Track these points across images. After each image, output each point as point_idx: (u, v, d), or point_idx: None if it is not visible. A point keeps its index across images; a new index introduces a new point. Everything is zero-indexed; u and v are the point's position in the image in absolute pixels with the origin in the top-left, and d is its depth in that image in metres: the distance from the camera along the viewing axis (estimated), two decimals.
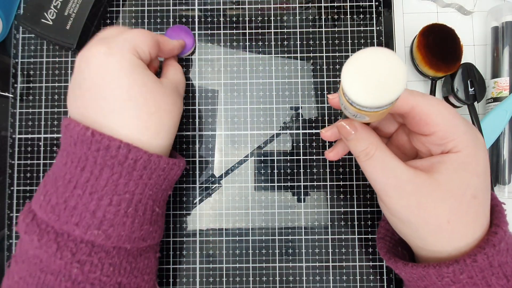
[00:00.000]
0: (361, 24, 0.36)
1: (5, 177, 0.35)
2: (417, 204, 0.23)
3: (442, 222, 0.23)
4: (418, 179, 0.23)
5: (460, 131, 0.23)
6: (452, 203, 0.23)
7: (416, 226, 0.24)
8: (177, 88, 0.31)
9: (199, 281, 0.34)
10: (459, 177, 0.23)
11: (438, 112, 0.23)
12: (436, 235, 0.23)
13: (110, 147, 0.24)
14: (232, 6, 0.37)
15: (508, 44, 0.34)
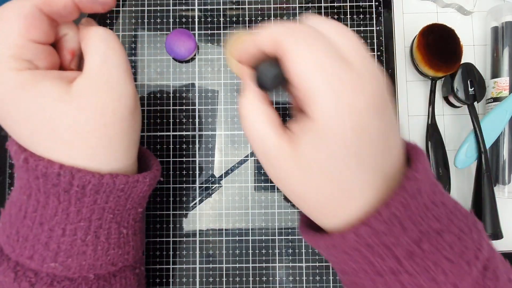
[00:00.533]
0: (361, 24, 0.36)
1: (5, 177, 0.35)
2: (279, 180, 0.20)
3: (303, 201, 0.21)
4: (281, 151, 0.19)
5: (316, 92, 0.18)
6: (315, 184, 0.19)
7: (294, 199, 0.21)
8: (112, 76, 0.22)
9: (199, 281, 0.34)
10: (318, 152, 0.19)
11: (299, 57, 0.18)
12: (313, 214, 0.21)
13: (49, 175, 0.20)
14: (232, 6, 0.37)
15: (508, 44, 0.34)
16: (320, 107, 0.18)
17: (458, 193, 0.36)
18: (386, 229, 0.19)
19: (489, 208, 0.32)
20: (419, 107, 0.36)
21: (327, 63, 0.18)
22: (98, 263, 0.24)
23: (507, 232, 0.33)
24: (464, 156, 0.34)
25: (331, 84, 0.18)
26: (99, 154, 0.21)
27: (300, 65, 0.18)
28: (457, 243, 0.20)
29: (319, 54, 0.18)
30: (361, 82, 0.19)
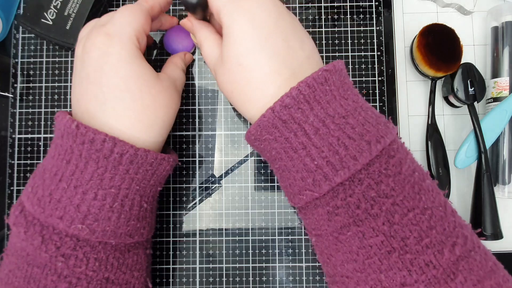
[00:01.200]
0: (361, 24, 0.36)
1: (5, 177, 0.35)
2: (220, 84, 0.27)
3: (240, 92, 0.26)
4: (217, 66, 0.27)
5: (228, 11, 0.25)
6: (239, 80, 0.25)
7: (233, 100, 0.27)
8: (175, 83, 0.30)
9: (199, 281, 0.34)
10: (235, 57, 0.25)
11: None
12: (245, 109, 0.26)
13: (95, 141, 0.24)
14: None
15: (508, 44, 0.34)
16: (224, 15, 0.25)
17: (458, 193, 0.36)
18: (295, 104, 0.23)
19: (489, 208, 0.32)
20: (419, 107, 0.36)
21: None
22: (119, 231, 0.26)
23: (507, 232, 0.33)
24: (464, 156, 0.34)
25: (237, 4, 0.25)
26: (143, 129, 0.26)
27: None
28: (360, 127, 0.24)
29: None
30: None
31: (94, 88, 0.25)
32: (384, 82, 0.36)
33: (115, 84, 0.25)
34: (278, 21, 0.25)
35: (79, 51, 0.27)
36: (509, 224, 0.35)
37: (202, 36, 0.29)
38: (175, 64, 0.32)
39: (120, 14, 0.27)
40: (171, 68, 0.32)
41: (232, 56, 0.25)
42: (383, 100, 0.36)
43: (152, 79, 0.27)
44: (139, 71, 0.26)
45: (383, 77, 0.36)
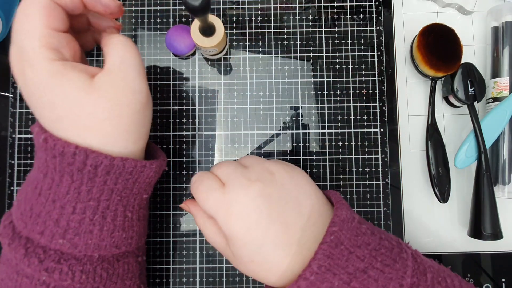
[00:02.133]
0: (361, 24, 0.36)
1: (5, 177, 0.35)
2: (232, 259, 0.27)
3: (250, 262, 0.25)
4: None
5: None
6: (245, 264, 0.26)
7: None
8: (129, 75, 0.24)
9: (199, 281, 0.34)
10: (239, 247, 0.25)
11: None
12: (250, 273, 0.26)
13: (65, 154, 0.22)
14: (232, 6, 0.37)
15: (508, 44, 0.34)
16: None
17: (458, 193, 0.36)
18: (319, 278, 0.23)
19: (489, 208, 0.32)
20: (419, 107, 0.36)
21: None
22: (103, 243, 0.25)
23: (507, 232, 0.33)
24: (464, 156, 0.34)
25: (228, 212, 0.25)
26: (111, 140, 0.24)
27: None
28: (381, 276, 0.23)
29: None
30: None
31: (37, 109, 0.23)
32: (384, 82, 0.36)
33: (50, 110, 0.23)
34: (271, 209, 0.25)
35: None
36: (509, 224, 0.35)
37: (200, 223, 0.28)
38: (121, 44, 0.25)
39: (21, 23, 0.23)
40: (118, 52, 0.25)
41: (239, 256, 0.25)
42: (383, 100, 0.36)
43: (83, 92, 0.23)
44: (63, 92, 0.22)
45: (383, 77, 0.36)
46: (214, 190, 0.25)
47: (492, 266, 0.35)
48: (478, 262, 0.35)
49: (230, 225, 0.24)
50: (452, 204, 0.35)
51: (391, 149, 0.36)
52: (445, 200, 0.34)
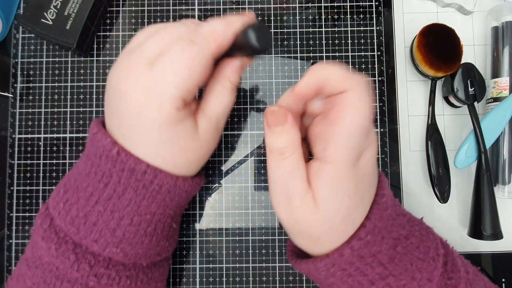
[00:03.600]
0: (361, 24, 0.36)
1: (5, 177, 0.35)
2: (295, 220, 0.23)
3: (313, 239, 0.23)
4: (306, 202, 0.22)
5: (336, 137, 0.21)
6: (323, 225, 0.22)
7: (292, 236, 0.25)
8: (218, 125, 0.26)
9: (199, 281, 0.34)
10: (332, 200, 0.22)
11: (362, 110, 0.21)
12: (309, 247, 0.25)
13: (136, 170, 0.23)
14: (232, 6, 0.37)
15: (508, 44, 0.34)
16: (336, 151, 0.21)
17: (458, 193, 0.36)
18: (371, 239, 0.23)
19: (489, 208, 0.32)
20: (419, 107, 0.36)
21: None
22: (150, 252, 0.26)
23: (507, 232, 0.33)
24: (464, 156, 0.34)
25: (348, 131, 0.21)
26: (180, 166, 0.25)
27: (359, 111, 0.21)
28: (421, 244, 0.24)
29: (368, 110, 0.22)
30: (374, 139, 0.24)
31: (131, 131, 0.24)
32: (384, 82, 0.36)
33: (146, 142, 0.23)
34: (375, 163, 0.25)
35: (113, 78, 0.24)
36: (509, 224, 0.35)
37: (295, 160, 0.23)
38: (223, 86, 0.26)
39: (170, 65, 0.22)
40: (216, 97, 0.26)
41: (338, 209, 0.22)
42: (383, 100, 0.36)
43: (190, 142, 0.24)
44: (173, 138, 0.24)
45: (383, 77, 0.36)
46: None
47: (492, 266, 0.35)
48: (478, 262, 0.35)
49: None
50: (452, 204, 0.35)
51: (391, 149, 0.36)
52: (445, 200, 0.34)
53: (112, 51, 0.36)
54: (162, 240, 0.27)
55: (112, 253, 0.24)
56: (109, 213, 0.24)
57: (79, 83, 0.36)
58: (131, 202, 0.24)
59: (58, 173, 0.35)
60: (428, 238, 0.25)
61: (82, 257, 0.24)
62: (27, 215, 0.35)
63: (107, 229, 0.24)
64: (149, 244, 0.26)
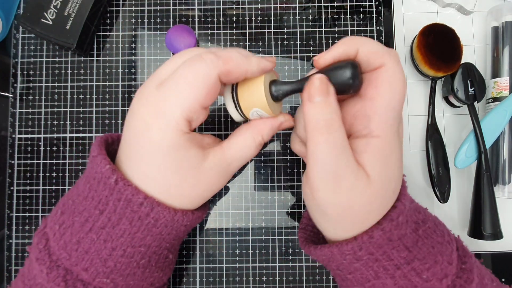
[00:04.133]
0: (361, 24, 0.36)
1: (5, 177, 0.35)
2: (348, 202, 0.22)
3: (363, 217, 0.23)
4: (359, 177, 0.22)
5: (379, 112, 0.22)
6: (374, 201, 0.22)
7: (334, 219, 0.23)
8: (228, 167, 0.26)
9: (199, 281, 0.34)
10: (384, 173, 0.22)
11: (400, 84, 0.22)
12: (354, 227, 0.23)
13: (132, 201, 0.22)
14: (232, 6, 0.37)
15: (508, 44, 0.34)
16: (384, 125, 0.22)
17: (458, 193, 0.36)
18: (401, 221, 0.23)
19: (489, 208, 0.32)
20: (419, 107, 0.36)
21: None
22: (142, 283, 0.26)
23: (507, 232, 0.33)
24: (464, 156, 0.34)
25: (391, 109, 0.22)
26: (180, 199, 0.24)
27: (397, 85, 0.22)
28: (436, 229, 0.25)
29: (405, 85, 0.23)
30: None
31: (131, 153, 0.23)
32: None
33: (148, 165, 0.23)
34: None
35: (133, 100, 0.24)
36: (509, 224, 0.35)
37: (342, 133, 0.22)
38: (253, 138, 0.26)
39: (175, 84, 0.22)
40: (242, 143, 0.26)
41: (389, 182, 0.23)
42: None
43: (190, 174, 0.23)
44: (174, 166, 0.23)
45: None
46: None
47: (492, 266, 0.35)
48: None
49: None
50: (452, 204, 0.35)
51: None
52: (445, 200, 0.34)
53: (112, 51, 0.36)
54: (156, 271, 0.26)
55: (102, 283, 0.23)
56: (102, 242, 0.23)
57: (79, 83, 0.36)
58: (125, 233, 0.23)
59: (58, 173, 0.35)
60: (439, 223, 0.26)
61: (72, 285, 0.23)
62: (27, 215, 0.35)
63: (99, 259, 0.23)
64: (142, 275, 0.25)
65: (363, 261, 0.23)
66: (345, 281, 0.25)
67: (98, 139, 0.25)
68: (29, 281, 0.24)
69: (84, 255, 0.23)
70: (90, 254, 0.23)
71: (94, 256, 0.23)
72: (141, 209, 0.23)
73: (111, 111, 0.36)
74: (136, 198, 0.22)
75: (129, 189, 0.22)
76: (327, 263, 0.25)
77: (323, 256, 0.24)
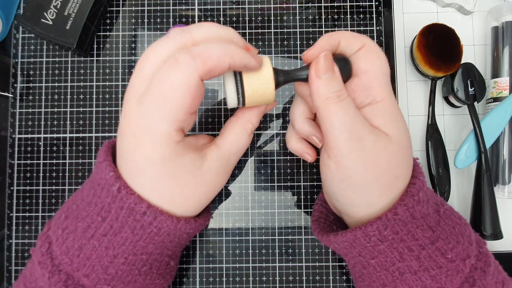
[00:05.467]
0: (361, 24, 0.36)
1: (5, 177, 0.35)
2: (374, 159, 0.23)
3: (391, 179, 0.23)
4: (378, 135, 0.23)
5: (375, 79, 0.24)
6: (399, 157, 0.24)
7: (361, 186, 0.23)
8: (228, 162, 0.26)
9: (199, 281, 0.34)
10: (398, 129, 0.24)
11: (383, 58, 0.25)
12: (381, 194, 0.23)
13: (135, 210, 0.22)
14: (232, 6, 0.37)
15: (508, 44, 0.34)
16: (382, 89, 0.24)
17: (458, 193, 0.36)
18: (422, 198, 0.23)
19: (489, 208, 0.32)
20: (419, 107, 0.36)
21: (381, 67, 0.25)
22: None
23: (507, 232, 0.33)
24: (464, 156, 0.34)
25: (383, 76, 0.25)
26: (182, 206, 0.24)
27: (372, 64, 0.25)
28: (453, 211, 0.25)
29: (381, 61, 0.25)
30: None
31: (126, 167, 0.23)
32: None
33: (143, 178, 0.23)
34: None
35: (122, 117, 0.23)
36: (509, 224, 0.35)
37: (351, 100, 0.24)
38: (244, 127, 0.26)
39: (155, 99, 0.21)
40: (235, 136, 0.26)
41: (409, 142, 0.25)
42: None
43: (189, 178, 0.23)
44: (170, 174, 0.23)
45: None
46: None
47: None
48: None
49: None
50: (452, 204, 0.35)
51: None
52: (445, 200, 0.34)
53: (112, 51, 0.36)
54: (157, 278, 0.26)
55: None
56: (103, 249, 0.23)
57: (79, 83, 0.36)
58: (127, 241, 0.23)
59: (58, 173, 0.35)
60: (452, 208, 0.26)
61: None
62: (27, 215, 0.35)
63: (100, 265, 0.23)
64: (143, 282, 0.25)
65: (388, 242, 0.23)
66: (366, 268, 0.25)
67: (106, 144, 0.25)
68: (31, 284, 0.24)
69: (86, 262, 0.23)
70: (92, 261, 0.23)
71: (95, 262, 0.23)
72: (144, 218, 0.23)
73: (111, 111, 0.36)
74: (139, 207, 0.22)
75: (132, 198, 0.22)
76: (348, 250, 0.25)
77: (345, 242, 0.24)
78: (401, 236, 0.23)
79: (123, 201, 0.22)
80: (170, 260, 0.27)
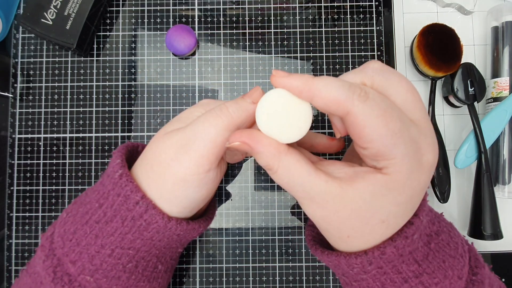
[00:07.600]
0: (361, 24, 0.36)
1: (5, 177, 0.35)
2: (322, 216, 0.22)
3: (342, 236, 0.22)
4: (328, 193, 0.21)
5: (397, 153, 0.20)
6: (355, 223, 0.21)
7: (323, 232, 0.24)
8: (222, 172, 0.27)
9: (199, 281, 0.34)
10: (371, 201, 0.20)
11: (374, 127, 0.19)
12: (339, 243, 0.23)
13: (130, 199, 0.23)
14: (232, 6, 0.37)
15: (508, 44, 0.34)
16: (400, 164, 0.20)
17: (458, 193, 0.36)
18: (417, 237, 0.22)
19: (489, 208, 0.32)
20: None
21: (398, 127, 0.19)
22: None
23: (507, 232, 0.33)
24: (464, 156, 0.34)
25: (412, 147, 0.20)
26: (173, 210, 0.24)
27: (376, 131, 0.19)
28: (450, 241, 0.24)
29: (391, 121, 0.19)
30: (428, 141, 0.21)
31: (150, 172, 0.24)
32: None
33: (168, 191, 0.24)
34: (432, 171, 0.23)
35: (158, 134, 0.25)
36: (509, 224, 0.35)
37: (287, 165, 0.22)
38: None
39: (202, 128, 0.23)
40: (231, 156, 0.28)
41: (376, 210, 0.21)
42: None
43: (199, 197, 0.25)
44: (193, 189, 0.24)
45: None
46: None
47: (492, 266, 0.35)
48: None
49: None
50: (452, 204, 0.35)
51: None
52: (445, 200, 0.34)
53: (112, 51, 0.36)
54: (143, 280, 0.26)
55: (85, 281, 0.23)
56: (93, 237, 0.23)
57: (79, 83, 0.36)
58: (116, 231, 0.23)
59: (58, 173, 0.35)
60: (454, 234, 0.25)
61: (60, 278, 0.23)
62: (27, 215, 0.35)
63: (87, 254, 0.23)
64: (127, 281, 0.25)
65: (370, 274, 0.23)
66: (349, 285, 0.25)
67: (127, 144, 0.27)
68: (31, 269, 0.25)
69: (75, 247, 0.23)
70: (81, 247, 0.23)
71: (83, 249, 0.23)
72: (136, 208, 0.23)
73: (111, 111, 0.36)
74: (134, 196, 0.23)
75: (130, 186, 0.23)
76: (333, 268, 0.25)
77: (331, 262, 0.24)
78: (385, 270, 0.22)
79: (121, 188, 0.23)
80: (158, 263, 0.27)
